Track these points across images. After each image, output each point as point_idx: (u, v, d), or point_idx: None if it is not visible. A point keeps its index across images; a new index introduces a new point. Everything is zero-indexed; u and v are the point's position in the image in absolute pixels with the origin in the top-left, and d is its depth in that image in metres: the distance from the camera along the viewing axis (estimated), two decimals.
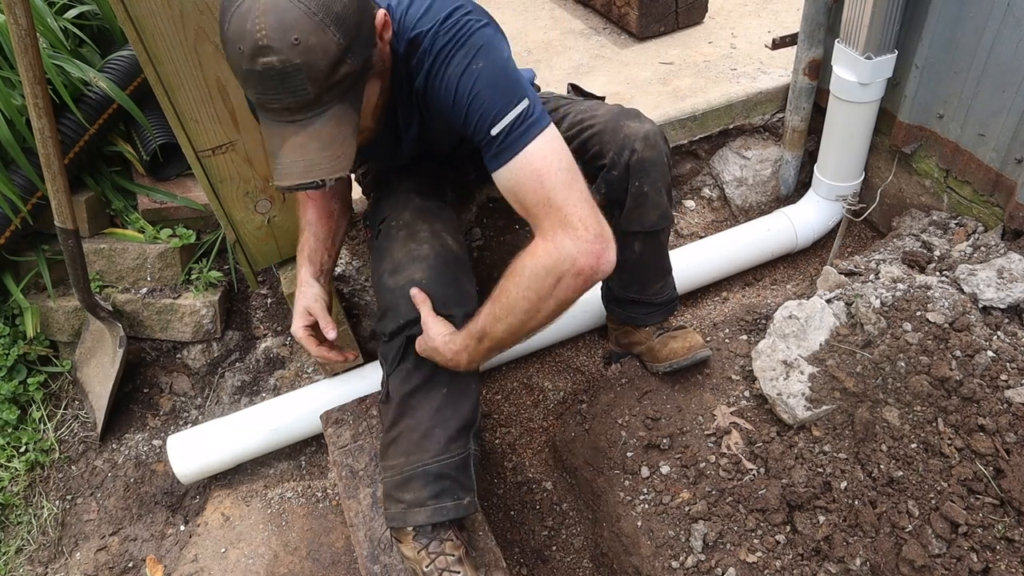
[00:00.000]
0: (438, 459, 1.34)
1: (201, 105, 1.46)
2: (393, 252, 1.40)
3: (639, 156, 1.49)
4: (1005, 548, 1.30)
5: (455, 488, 1.35)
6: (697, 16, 2.63)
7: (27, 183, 1.90)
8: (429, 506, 1.33)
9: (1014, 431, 1.38)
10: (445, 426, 1.35)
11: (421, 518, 1.33)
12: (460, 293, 1.37)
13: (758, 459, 1.52)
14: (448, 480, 1.34)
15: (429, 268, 1.35)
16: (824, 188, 2.19)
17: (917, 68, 1.85)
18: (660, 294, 1.74)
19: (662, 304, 1.76)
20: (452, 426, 1.35)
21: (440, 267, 1.36)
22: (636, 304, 1.76)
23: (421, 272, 1.35)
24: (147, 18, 1.32)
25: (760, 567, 1.38)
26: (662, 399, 1.70)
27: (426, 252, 1.37)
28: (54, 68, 1.82)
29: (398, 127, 1.41)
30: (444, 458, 1.34)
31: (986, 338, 1.49)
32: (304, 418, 1.87)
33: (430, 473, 1.34)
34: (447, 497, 1.34)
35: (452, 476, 1.35)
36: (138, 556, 1.85)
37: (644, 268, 1.68)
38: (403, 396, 1.37)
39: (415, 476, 1.34)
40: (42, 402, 2.09)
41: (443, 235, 1.42)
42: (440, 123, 1.34)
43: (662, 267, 1.73)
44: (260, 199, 1.65)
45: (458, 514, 1.34)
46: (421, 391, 1.36)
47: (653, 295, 1.73)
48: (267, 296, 2.18)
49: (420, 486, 1.34)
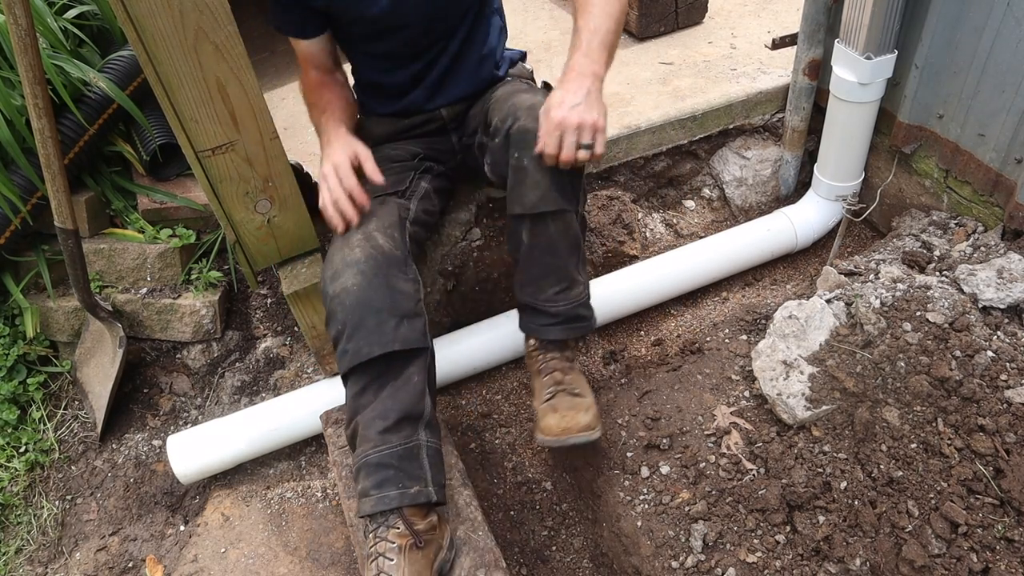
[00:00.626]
0: (377, 449, 1.37)
1: (201, 105, 1.46)
2: (332, 257, 1.45)
3: (520, 125, 1.43)
4: (1005, 548, 1.30)
5: (400, 477, 1.37)
6: (697, 16, 2.63)
7: (27, 183, 1.90)
8: (372, 496, 1.36)
9: (1014, 431, 1.38)
10: (385, 418, 1.38)
11: (367, 507, 1.37)
12: (393, 294, 1.41)
13: (758, 459, 1.52)
14: (390, 469, 1.36)
15: (359, 273, 1.40)
16: (824, 188, 2.19)
17: (917, 68, 1.85)
18: (556, 303, 1.53)
19: (560, 318, 1.54)
20: (392, 418, 1.38)
21: (369, 271, 1.40)
22: (529, 310, 1.59)
23: (352, 279, 1.40)
24: (147, 18, 1.32)
25: (760, 567, 1.38)
26: (662, 399, 1.70)
27: (358, 256, 1.42)
28: (54, 68, 1.82)
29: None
30: (383, 448, 1.37)
31: (986, 338, 1.49)
32: (304, 418, 1.87)
33: (371, 464, 1.37)
34: (390, 486, 1.36)
35: (394, 466, 1.37)
36: (138, 556, 1.85)
37: (534, 264, 1.52)
38: (353, 396, 1.42)
39: (361, 467, 1.39)
40: (42, 402, 2.09)
41: (375, 235, 1.45)
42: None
43: (558, 268, 1.51)
44: (260, 199, 1.65)
45: (401, 503, 1.35)
46: (368, 390, 1.40)
47: (547, 302, 1.53)
48: (267, 296, 2.18)
49: (364, 476, 1.38)
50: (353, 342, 1.38)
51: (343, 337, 1.40)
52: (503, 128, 1.47)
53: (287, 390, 2.04)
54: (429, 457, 1.41)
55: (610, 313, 2.10)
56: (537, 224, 1.47)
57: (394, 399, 1.39)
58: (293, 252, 1.79)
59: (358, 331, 1.38)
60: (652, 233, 2.36)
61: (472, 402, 2.04)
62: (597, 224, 2.18)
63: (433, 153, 1.75)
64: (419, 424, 1.41)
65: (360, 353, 1.37)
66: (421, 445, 1.40)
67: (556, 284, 1.52)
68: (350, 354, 1.39)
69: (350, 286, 1.39)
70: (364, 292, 1.39)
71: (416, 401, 1.41)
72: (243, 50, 1.43)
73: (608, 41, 1.40)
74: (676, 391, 1.71)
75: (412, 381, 1.42)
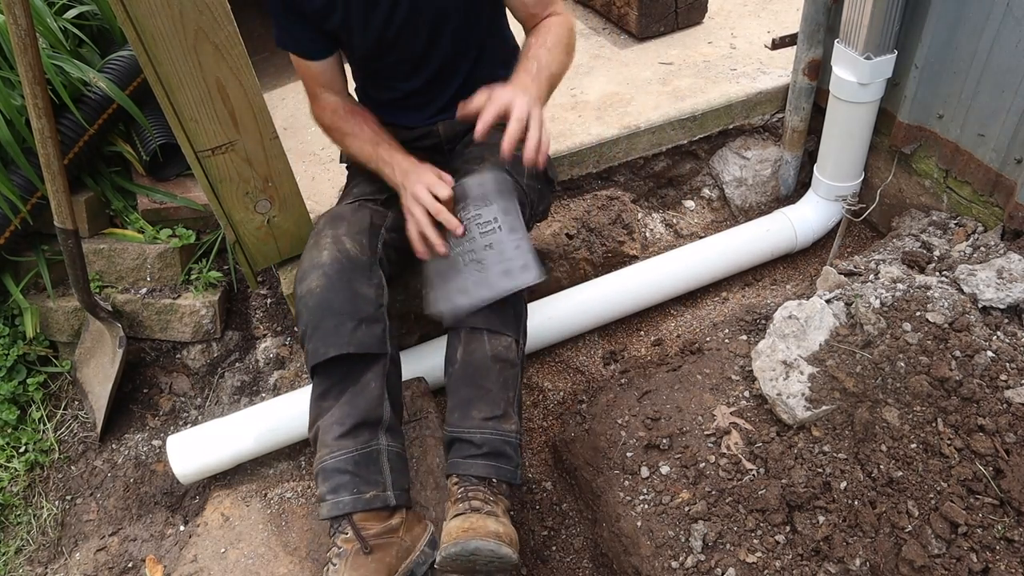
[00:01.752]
0: (333, 455, 1.37)
1: (201, 105, 1.46)
2: (302, 259, 1.47)
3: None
4: (1005, 548, 1.30)
5: (355, 482, 1.36)
6: (697, 16, 2.63)
7: (27, 183, 1.90)
8: (328, 500, 1.37)
9: (1014, 431, 1.38)
10: (342, 424, 1.38)
11: (323, 511, 1.37)
12: (354, 298, 1.41)
13: (758, 459, 1.52)
14: (345, 475, 1.36)
15: (323, 276, 1.41)
16: (824, 188, 2.19)
17: (917, 68, 1.85)
18: (482, 429, 1.37)
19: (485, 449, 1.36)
20: (348, 423, 1.38)
21: (334, 274, 1.41)
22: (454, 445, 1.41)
23: (316, 281, 1.41)
24: (147, 18, 1.32)
25: (760, 567, 1.38)
26: (662, 399, 1.70)
27: (324, 259, 1.43)
28: (54, 68, 1.82)
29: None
30: (339, 454, 1.37)
31: (986, 338, 1.49)
32: (304, 418, 1.85)
33: (327, 468, 1.38)
34: (344, 491, 1.36)
35: (349, 471, 1.37)
36: (138, 556, 1.85)
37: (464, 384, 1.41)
38: (315, 399, 1.43)
39: (318, 472, 1.39)
40: (42, 402, 2.09)
41: (343, 240, 1.46)
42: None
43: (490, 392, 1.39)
44: (260, 199, 1.65)
45: (355, 508, 1.35)
46: (330, 394, 1.41)
47: (472, 429, 1.37)
48: (267, 296, 2.18)
49: (321, 481, 1.38)
50: (312, 343, 1.40)
51: (306, 337, 1.41)
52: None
53: (287, 390, 2.04)
54: (390, 461, 1.41)
55: (610, 313, 2.10)
56: (472, 341, 1.41)
57: (351, 404, 1.40)
58: (293, 252, 1.79)
59: (317, 332, 1.39)
60: (652, 233, 2.36)
61: None
62: (597, 224, 2.18)
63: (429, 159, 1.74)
64: (378, 429, 1.41)
65: (317, 353, 1.38)
66: (381, 450, 1.40)
67: (486, 411, 1.39)
68: (310, 354, 1.40)
69: (314, 287, 1.41)
70: (326, 294, 1.40)
71: (374, 407, 1.41)
72: (243, 50, 1.43)
73: (551, 81, 1.45)
74: (676, 391, 1.71)
75: (369, 387, 1.42)
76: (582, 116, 2.21)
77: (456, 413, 1.41)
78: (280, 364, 2.11)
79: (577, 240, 2.19)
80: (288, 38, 1.54)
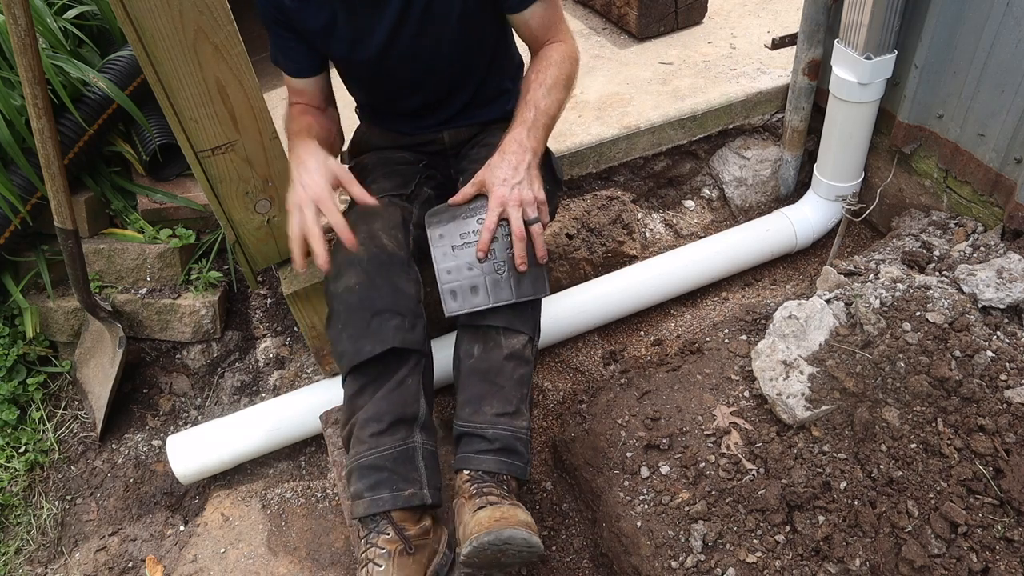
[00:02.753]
0: (371, 452, 1.36)
1: (201, 105, 1.46)
2: (336, 256, 1.44)
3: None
4: (1005, 548, 1.30)
5: (394, 480, 1.35)
6: (697, 16, 2.63)
7: (27, 183, 1.90)
8: (366, 498, 1.35)
9: (1014, 431, 1.38)
10: (379, 420, 1.37)
11: (359, 510, 1.35)
12: (395, 294, 1.40)
13: (758, 459, 1.52)
14: (384, 472, 1.35)
15: (362, 272, 1.39)
16: (824, 188, 2.19)
17: (916, 68, 1.85)
18: (495, 425, 1.39)
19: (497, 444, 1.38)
20: (386, 420, 1.37)
21: (373, 270, 1.40)
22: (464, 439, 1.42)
23: (355, 277, 1.39)
24: (146, 18, 1.32)
25: (760, 567, 1.38)
26: (662, 399, 1.70)
27: (360, 255, 1.41)
28: (53, 68, 1.82)
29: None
30: (377, 451, 1.36)
31: (985, 338, 1.49)
32: (304, 418, 1.87)
33: (364, 466, 1.36)
34: (383, 489, 1.35)
35: (388, 468, 1.35)
36: (138, 556, 1.85)
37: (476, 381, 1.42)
38: (350, 397, 1.41)
39: (354, 470, 1.38)
40: (42, 402, 2.09)
41: (379, 235, 1.44)
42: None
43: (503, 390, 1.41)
44: (260, 199, 1.65)
45: (395, 505, 1.34)
46: (365, 391, 1.39)
47: (485, 424, 1.39)
48: (267, 296, 2.18)
49: (357, 479, 1.37)
50: (354, 341, 1.37)
51: (344, 336, 1.39)
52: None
53: (287, 390, 2.04)
54: (424, 459, 1.40)
55: (610, 313, 2.10)
56: (487, 339, 1.41)
57: (388, 401, 1.38)
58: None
59: (359, 330, 1.37)
60: (652, 233, 2.36)
61: None
62: (597, 224, 2.18)
63: (434, 163, 1.75)
64: (414, 426, 1.40)
65: (361, 352, 1.36)
66: (416, 447, 1.39)
67: (498, 407, 1.40)
68: (350, 353, 1.38)
69: (353, 284, 1.39)
70: (367, 291, 1.38)
71: (410, 403, 1.40)
72: (243, 50, 1.44)
73: (549, 125, 1.47)
74: (676, 391, 1.71)
75: (406, 383, 1.41)
76: (582, 116, 2.21)
77: (467, 408, 1.41)
78: (280, 364, 2.11)
79: (577, 240, 2.19)
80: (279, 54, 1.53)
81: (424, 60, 1.52)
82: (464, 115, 1.70)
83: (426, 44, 1.48)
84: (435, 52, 1.51)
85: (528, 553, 1.26)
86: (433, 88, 1.62)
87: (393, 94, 1.63)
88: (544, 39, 1.54)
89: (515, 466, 1.39)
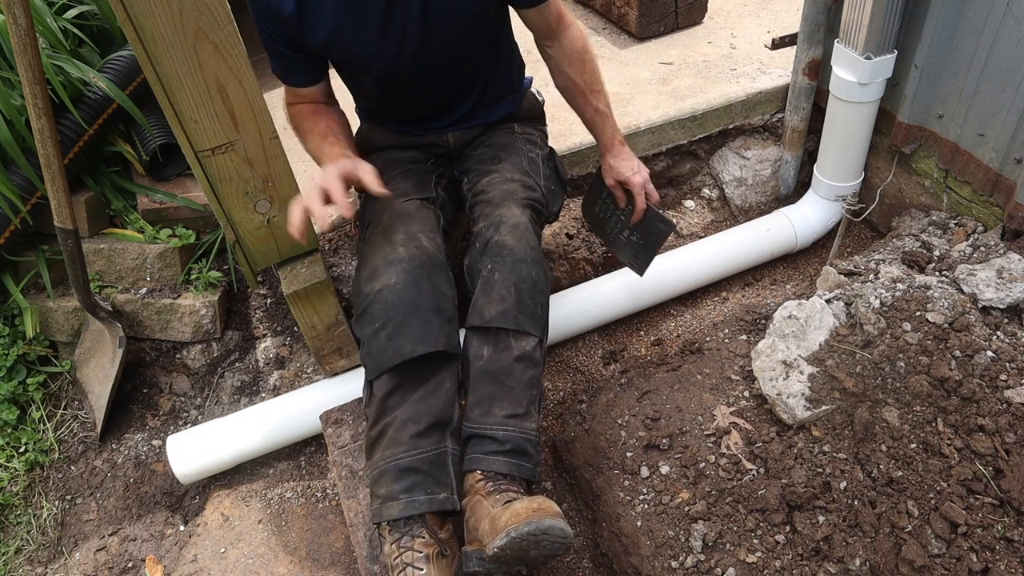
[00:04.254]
0: (409, 454, 1.35)
1: (201, 105, 1.46)
2: (370, 256, 1.43)
3: (498, 239, 1.45)
4: (1005, 548, 1.30)
5: (428, 483, 1.35)
6: (697, 16, 2.63)
7: (27, 183, 1.90)
8: (401, 500, 1.34)
9: (1014, 431, 1.38)
10: (417, 422, 1.36)
11: (394, 511, 1.34)
12: (437, 295, 1.40)
13: (758, 459, 1.52)
14: (420, 474, 1.35)
15: (403, 272, 1.38)
16: (824, 188, 2.19)
17: (917, 68, 1.85)
18: (505, 427, 1.39)
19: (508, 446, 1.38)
20: (424, 422, 1.36)
21: (414, 271, 1.39)
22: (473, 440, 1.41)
23: (396, 277, 1.38)
24: (147, 18, 1.32)
25: (760, 567, 1.38)
26: (662, 399, 1.70)
27: (400, 255, 1.40)
28: (53, 68, 1.82)
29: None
30: (415, 453, 1.35)
31: (985, 338, 1.49)
32: (304, 418, 1.87)
33: (401, 467, 1.35)
34: (419, 491, 1.34)
35: (424, 471, 1.35)
36: (138, 556, 1.85)
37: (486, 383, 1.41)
38: (382, 397, 1.39)
39: (387, 471, 1.36)
40: (42, 402, 2.09)
41: (418, 236, 1.44)
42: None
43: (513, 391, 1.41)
44: (260, 199, 1.65)
45: (431, 508, 1.34)
46: (399, 392, 1.38)
47: (495, 426, 1.39)
48: (267, 296, 2.18)
49: (391, 480, 1.35)
50: (395, 341, 1.35)
51: (381, 335, 1.36)
52: (484, 236, 1.47)
53: (287, 390, 2.04)
54: (454, 465, 1.40)
55: (610, 313, 2.10)
56: (497, 341, 1.41)
57: (426, 403, 1.37)
58: (293, 252, 1.79)
59: (401, 329, 1.35)
60: None
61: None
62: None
63: (439, 163, 1.76)
64: (447, 431, 1.40)
65: (403, 352, 1.34)
66: (448, 452, 1.39)
67: (509, 408, 1.40)
68: (390, 352, 1.35)
69: (393, 283, 1.37)
70: (409, 291, 1.36)
71: (447, 407, 1.39)
72: (243, 50, 1.43)
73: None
74: (676, 391, 1.71)
75: (444, 386, 1.40)
76: None
77: (477, 410, 1.41)
78: (280, 364, 2.11)
79: (577, 240, 2.19)
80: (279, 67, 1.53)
81: (433, 67, 1.53)
82: (470, 117, 1.71)
83: (434, 51, 1.49)
84: (443, 57, 1.52)
85: (561, 544, 1.25)
86: (440, 92, 1.63)
87: (399, 98, 1.63)
88: (556, 28, 1.59)
89: (525, 467, 1.39)
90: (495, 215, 1.49)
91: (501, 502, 1.30)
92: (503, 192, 1.55)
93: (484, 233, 1.48)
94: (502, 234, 1.45)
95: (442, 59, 1.52)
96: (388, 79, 1.54)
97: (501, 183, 1.58)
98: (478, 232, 1.51)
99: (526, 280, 1.42)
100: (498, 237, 1.45)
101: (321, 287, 1.75)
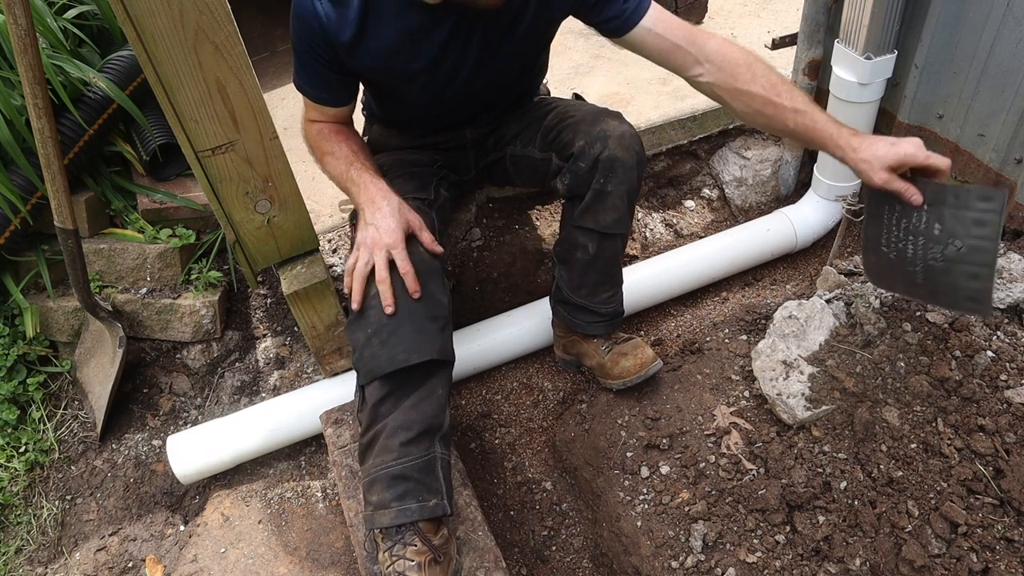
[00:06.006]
0: (399, 461, 1.35)
1: (201, 105, 1.46)
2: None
3: (610, 153, 1.52)
4: (1005, 548, 1.30)
5: (419, 490, 1.35)
6: (697, 16, 2.63)
7: (27, 183, 1.90)
8: (392, 508, 1.34)
9: (1014, 431, 1.38)
10: (408, 430, 1.35)
11: (386, 520, 1.34)
12: (431, 302, 1.38)
13: (758, 459, 1.52)
14: (411, 482, 1.34)
15: (398, 277, 1.37)
16: (824, 188, 2.19)
17: (917, 68, 1.85)
18: (607, 304, 1.73)
19: (607, 316, 1.74)
20: (415, 429, 1.35)
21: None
22: (581, 310, 1.74)
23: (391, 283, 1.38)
24: (147, 18, 1.32)
25: (760, 567, 1.38)
26: (662, 399, 1.70)
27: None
28: (53, 68, 1.82)
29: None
30: (405, 460, 1.35)
31: (986, 338, 1.50)
32: (304, 418, 1.87)
33: (392, 475, 1.34)
34: (410, 499, 1.34)
35: (415, 478, 1.35)
36: (138, 556, 1.85)
37: (594, 272, 1.69)
38: (374, 404, 1.38)
39: (379, 478, 1.35)
40: (42, 402, 2.09)
41: (414, 242, 1.43)
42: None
43: (612, 276, 1.72)
44: (260, 199, 1.65)
45: (422, 515, 1.34)
46: (390, 399, 1.37)
47: (599, 304, 1.72)
48: (267, 296, 2.18)
49: (383, 488, 1.35)
50: (388, 348, 1.34)
51: (374, 341, 1.35)
52: (590, 153, 1.53)
53: (287, 390, 2.04)
54: (443, 470, 1.40)
55: None
56: (606, 241, 1.63)
57: (417, 410, 1.36)
58: (293, 252, 1.79)
59: (395, 336, 1.34)
60: (652, 233, 2.36)
61: (472, 402, 2.04)
62: None
63: (449, 163, 1.75)
64: (436, 436, 1.39)
65: (395, 360, 1.33)
66: (436, 458, 1.39)
67: (609, 289, 1.72)
68: (383, 359, 1.34)
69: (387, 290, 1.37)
70: (403, 297, 1.35)
71: (438, 414, 1.39)
72: (243, 50, 1.43)
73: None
74: (676, 391, 1.71)
75: (436, 393, 1.39)
76: None
77: (583, 289, 1.71)
78: (280, 364, 2.11)
79: None
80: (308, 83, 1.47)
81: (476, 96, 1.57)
82: (493, 119, 1.74)
83: (480, 85, 1.51)
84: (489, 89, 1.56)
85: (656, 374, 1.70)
86: (473, 110, 1.65)
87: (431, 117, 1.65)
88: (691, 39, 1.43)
89: (616, 323, 1.76)
90: (595, 131, 1.54)
91: (601, 347, 1.75)
92: (591, 111, 1.62)
93: (589, 151, 1.54)
94: (611, 148, 1.52)
95: (487, 91, 1.56)
96: (427, 104, 1.55)
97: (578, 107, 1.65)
98: (580, 150, 1.55)
99: (634, 187, 1.58)
100: (609, 153, 1.52)
101: (321, 287, 1.75)
